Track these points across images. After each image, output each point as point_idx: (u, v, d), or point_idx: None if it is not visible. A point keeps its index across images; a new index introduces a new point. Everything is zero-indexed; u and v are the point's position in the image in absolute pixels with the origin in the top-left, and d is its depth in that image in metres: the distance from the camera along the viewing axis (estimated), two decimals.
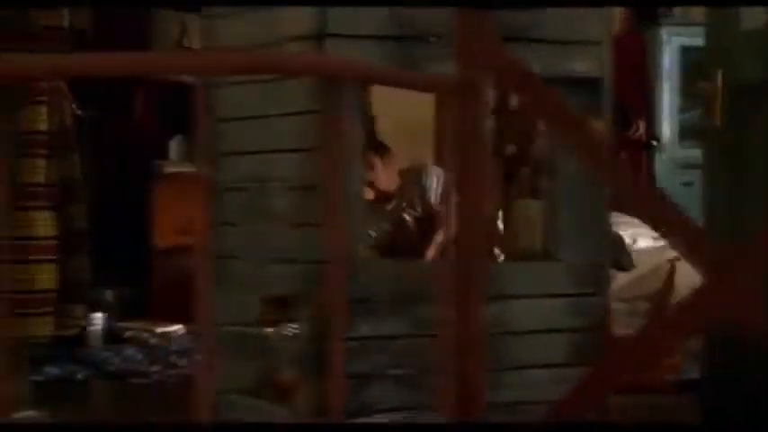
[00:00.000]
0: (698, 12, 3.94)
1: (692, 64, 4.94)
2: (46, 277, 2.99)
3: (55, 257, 2.95)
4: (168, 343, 3.78)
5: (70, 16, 3.04)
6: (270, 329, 2.06)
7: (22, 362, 2.86)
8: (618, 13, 4.30)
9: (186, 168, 4.21)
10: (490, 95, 2.17)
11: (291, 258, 2.05)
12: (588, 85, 2.13)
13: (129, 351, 3.70)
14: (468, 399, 1.76)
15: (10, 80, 1.29)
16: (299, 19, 2.01)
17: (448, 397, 1.72)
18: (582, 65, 2.14)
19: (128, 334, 3.85)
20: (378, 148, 2.75)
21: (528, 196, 2.25)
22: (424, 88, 2.22)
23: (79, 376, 3.31)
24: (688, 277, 3.03)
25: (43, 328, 3.03)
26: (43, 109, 2.99)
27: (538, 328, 2.07)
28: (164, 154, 4.33)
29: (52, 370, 3.28)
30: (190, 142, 4.35)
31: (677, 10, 5.15)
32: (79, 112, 3.21)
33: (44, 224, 2.98)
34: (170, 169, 4.31)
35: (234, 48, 2.10)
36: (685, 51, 5.13)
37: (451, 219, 1.58)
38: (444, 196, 2.48)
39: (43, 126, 2.98)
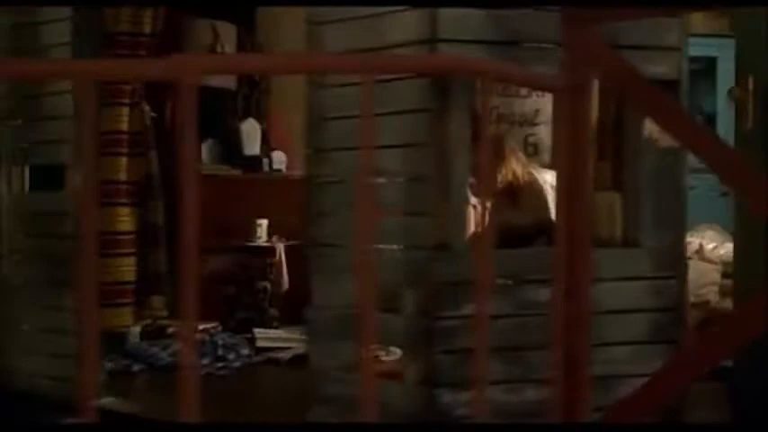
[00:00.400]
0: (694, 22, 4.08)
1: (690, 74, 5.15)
2: (126, 270, 3.21)
3: (134, 251, 3.17)
4: (211, 338, 4.00)
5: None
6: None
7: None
8: None
9: (218, 171, 4.50)
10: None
11: (399, 245, 2.27)
12: (667, 87, 2.32)
13: (177, 345, 3.90)
14: (576, 371, 1.97)
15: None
16: (411, 25, 2.22)
17: (557, 369, 1.93)
18: (661, 68, 2.34)
19: (170, 330, 4.05)
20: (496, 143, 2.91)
21: (609, 189, 2.46)
22: (541, 87, 2.43)
23: (134, 369, 3.51)
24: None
25: (124, 318, 3.25)
26: (125, 110, 3.21)
27: (623, 308, 2.28)
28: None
29: (106, 363, 3.47)
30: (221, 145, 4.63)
31: None
32: (153, 114, 3.43)
33: (126, 220, 3.20)
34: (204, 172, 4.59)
35: (346, 52, 2.31)
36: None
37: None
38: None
39: (124, 126, 3.20)
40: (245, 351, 4.04)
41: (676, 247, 2.35)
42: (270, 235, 4.69)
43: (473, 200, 2.43)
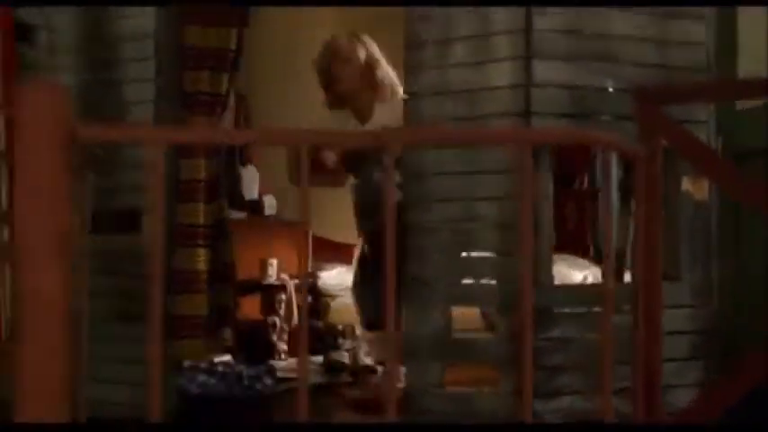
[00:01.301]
0: None
1: None
2: (201, 305, 3.55)
3: (206, 288, 3.52)
4: (233, 369, 4.33)
5: None
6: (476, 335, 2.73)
7: None
8: None
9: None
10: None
11: (494, 280, 2.74)
12: None
13: (202, 377, 4.23)
14: (653, 382, 2.48)
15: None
16: (505, 99, 2.72)
17: (636, 384, 2.43)
18: None
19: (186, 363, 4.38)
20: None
21: None
22: (626, 155, 2.96)
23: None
24: None
25: (197, 349, 3.59)
26: (202, 161, 3.57)
27: (671, 330, 2.81)
28: None
29: None
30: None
31: None
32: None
33: (201, 260, 3.56)
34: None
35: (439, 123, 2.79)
36: None
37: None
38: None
39: (202, 175, 3.56)
40: (270, 381, 4.39)
41: (707, 280, 2.91)
42: (278, 273, 5.09)
43: None
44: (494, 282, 2.78)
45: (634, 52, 2.82)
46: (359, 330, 5.21)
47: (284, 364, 4.80)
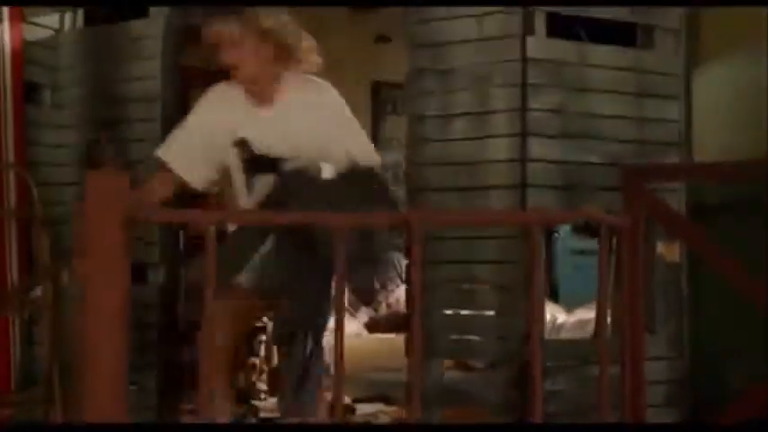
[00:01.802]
0: None
1: None
2: None
3: None
4: None
5: None
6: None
7: None
8: None
9: None
10: None
11: (497, 337, 3.02)
12: None
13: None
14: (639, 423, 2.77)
15: None
16: (504, 172, 3.00)
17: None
18: None
19: None
20: None
21: None
22: (611, 226, 3.24)
23: None
24: None
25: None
26: None
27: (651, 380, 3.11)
28: None
29: None
30: None
31: None
32: None
33: None
34: None
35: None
36: None
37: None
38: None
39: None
40: (254, 420, 4.59)
41: (679, 333, 3.23)
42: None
43: None
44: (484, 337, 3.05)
45: (615, 130, 3.14)
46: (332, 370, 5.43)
47: (266, 404, 4.99)
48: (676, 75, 3.24)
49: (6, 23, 3.54)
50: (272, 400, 4.95)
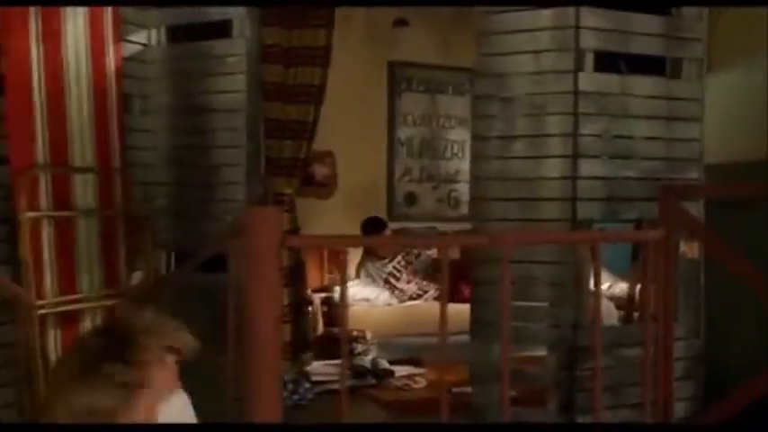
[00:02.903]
0: None
1: None
2: (285, 332, 4.32)
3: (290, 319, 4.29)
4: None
5: None
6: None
7: None
8: None
9: None
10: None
11: (550, 325, 3.61)
12: None
13: None
14: (669, 397, 3.39)
15: None
16: (557, 187, 3.55)
17: (657, 396, 3.33)
18: None
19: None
20: None
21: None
22: (638, 242, 3.80)
23: None
24: None
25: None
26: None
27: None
28: None
29: None
30: None
31: None
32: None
33: (284, 296, 4.32)
34: None
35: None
36: None
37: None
38: None
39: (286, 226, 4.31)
40: (307, 384, 5.16)
41: (697, 319, 3.84)
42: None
43: None
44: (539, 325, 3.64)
45: (649, 149, 3.70)
46: (369, 335, 6.03)
47: (312, 368, 5.54)
48: (698, 99, 3.80)
49: (111, 45, 3.98)
50: (317, 365, 5.53)
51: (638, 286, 4.01)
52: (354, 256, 6.77)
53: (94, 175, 3.89)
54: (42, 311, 3.49)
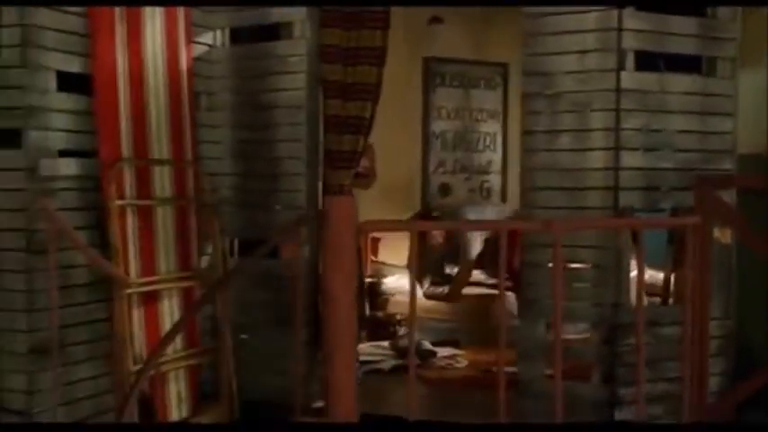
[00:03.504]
0: None
1: None
2: None
3: None
4: None
5: None
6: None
7: None
8: None
9: None
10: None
11: (593, 304, 3.91)
12: None
13: None
14: (704, 372, 3.69)
15: None
16: (600, 177, 3.85)
17: (693, 371, 3.63)
18: None
19: None
20: None
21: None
22: (675, 228, 4.09)
23: None
24: None
25: None
26: None
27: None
28: None
29: None
30: None
31: None
32: None
33: None
34: None
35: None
36: None
37: None
38: None
39: None
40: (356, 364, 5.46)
41: (729, 300, 4.13)
42: None
43: None
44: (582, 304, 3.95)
45: (685, 142, 3.99)
46: None
47: (360, 348, 5.83)
48: (731, 96, 4.08)
49: (184, 46, 4.31)
50: (363, 346, 5.83)
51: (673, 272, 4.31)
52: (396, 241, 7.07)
53: (170, 167, 4.22)
54: (129, 291, 3.82)
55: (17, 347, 3.68)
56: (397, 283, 6.59)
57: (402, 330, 6.20)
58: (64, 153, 3.84)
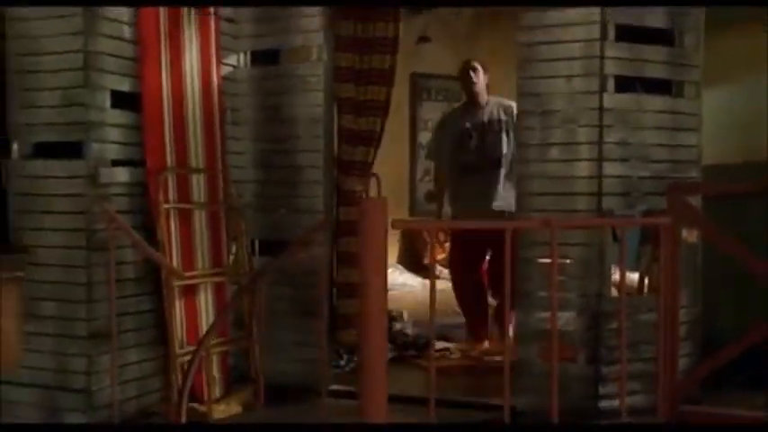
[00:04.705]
0: None
1: None
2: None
3: None
4: None
5: None
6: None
7: None
8: None
9: None
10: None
11: (579, 295, 4.50)
12: None
13: None
14: (674, 352, 4.29)
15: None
16: (584, 184, 4.45)
17: (665, 352, 4.22)
18: None
19: None
20: None
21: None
22: (650, 227, 4.67)
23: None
24: None
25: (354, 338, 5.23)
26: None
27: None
28: None
29: None
30: None
31: None
32: None
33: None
34: None
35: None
36: None
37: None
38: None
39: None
40: (348, 355, 5.99)
41: (695, 291, 4.75)
42: None
43: None
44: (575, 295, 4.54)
45: (657, 154, 4.61)
46: (405, 315, 6.91)
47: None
48: (696, 114, 4.71)
49: (215, 66, 4.84)
50: None
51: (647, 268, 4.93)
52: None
53: (204, 175, 4.75)
54: (179, 283, 4.35)
55: (78, 333, 4.19)
56: (389, 278, 7.12)
57: (398, 325, 6.76)
58: (116, 163, 4.35)
